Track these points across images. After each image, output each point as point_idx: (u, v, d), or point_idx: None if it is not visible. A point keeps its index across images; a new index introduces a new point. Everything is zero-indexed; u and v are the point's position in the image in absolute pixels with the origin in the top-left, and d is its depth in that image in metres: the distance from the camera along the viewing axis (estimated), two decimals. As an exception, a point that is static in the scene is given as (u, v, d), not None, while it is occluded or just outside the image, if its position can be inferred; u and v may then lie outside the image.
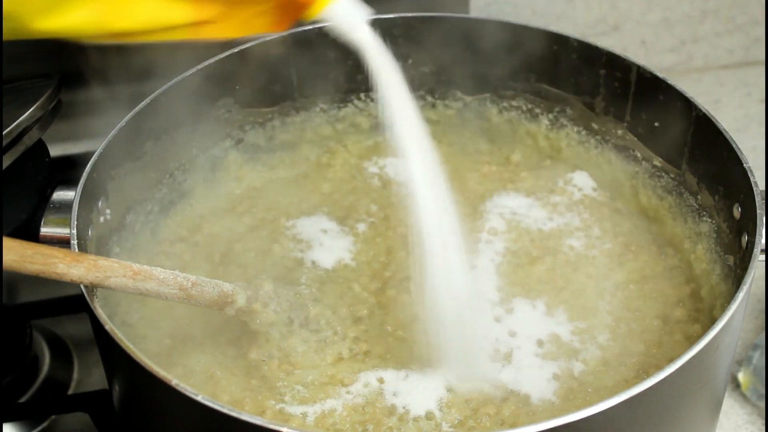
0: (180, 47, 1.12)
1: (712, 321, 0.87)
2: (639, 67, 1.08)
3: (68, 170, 1.03)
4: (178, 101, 1.07)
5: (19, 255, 0.76)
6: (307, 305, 0.98)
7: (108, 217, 1.00)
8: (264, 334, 0.95)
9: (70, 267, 0.79)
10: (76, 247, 0.88)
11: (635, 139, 1.12)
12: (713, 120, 0.99)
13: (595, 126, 1.16)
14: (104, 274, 0.81)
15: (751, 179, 0.92)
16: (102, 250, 0.99)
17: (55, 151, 1.05)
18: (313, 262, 1.07)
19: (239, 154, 1.18)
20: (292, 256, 1.08)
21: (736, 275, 0.96)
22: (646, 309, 1.01)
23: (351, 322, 0.99)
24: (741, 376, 1.17)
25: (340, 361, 0.96)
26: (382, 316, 1.00)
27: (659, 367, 0.92)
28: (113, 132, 1.00)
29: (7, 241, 0.75)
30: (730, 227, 0.99)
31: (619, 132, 1.14)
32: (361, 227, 1.12)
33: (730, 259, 0.98)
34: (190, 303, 0.88)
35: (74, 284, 0.82)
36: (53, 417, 1.17)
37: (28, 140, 0.99)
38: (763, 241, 0.89)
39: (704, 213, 1.05)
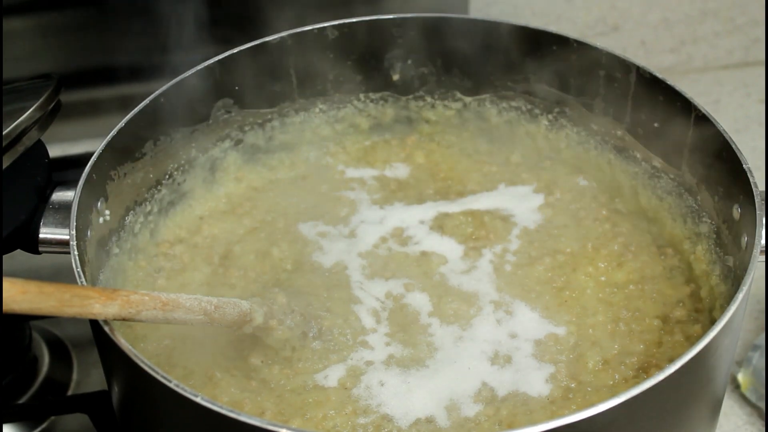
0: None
1: (712, 321, 0.87)
2: (638, 68, 1.08)
3: (68, 171, 1.03)
4: (178, 102, 1.07)
5: (58, 300, 0.75)
6: (320, 316, 0.98)
7: (107, 217, 1.00)
8: (275, 348, 0.95)
9: (106, 306, 0.79)
10: (75, 248, 0.88)
11: (634, 139, 1.12)
12: (713, 120, 0.99)
13: (594, 127, 1.16)
14: (136, 309, 0.81)
15: (751, 180, 0.92)
16: (101, 251, 0.99)
17: (55, 151, 1.05)
18: (313, 265, 1.07)
19: (239, 155, 1.18)
20: (291, 259, 1.08)
21: (736, 276, 0.96)
22: (646, 309, 1.01)
23: (360, 329, 0.99)
24: (741, 377, 1.17)
25: (342, 364, 0.96)
26: (386, 320, 1.00)
27: (659, 367, 0.92)
28: (113, 132, 1.00)
29: (46, 286, 0.74)
30: (729, 228, 0.99)
31: (619, 133, 1.14)
32: (361, 228, 1.12)
33: (730, 260, 0.98)
34: (213, 325, 0.89)
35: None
36: (52, 418, 1.17)
37: (28, 141, 0.99)
38: (763, 241, 0.89)
39: (704, 214, 1.04)
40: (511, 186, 1.17)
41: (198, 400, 0.74)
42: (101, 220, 0.99)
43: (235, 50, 1.12)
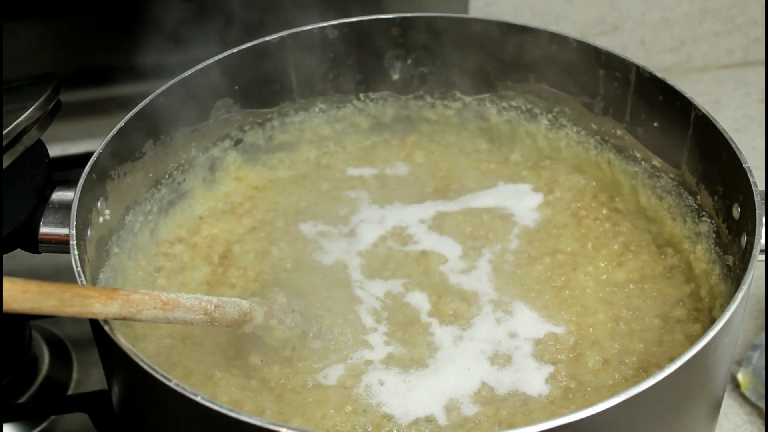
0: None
1: (712, 321, 0.87)
2: (638, 67, 1.08)
3: (67, 170, 1.03)
4: (178, 101, 1.07)
5: (59, 300, 0.75)
6: (320, 315, 0.98)
7: (107, 217, 1.00)
8: (275, 347, 0.95)
9: (106, 306, 0.79)
10: (75, 247, 0.89)
11: (634, 139, 1.12)
12: (713, 120, 0.99)
13: (594, 126, 1.16)
14: (137, 308, 0.81)
15: (751, 179, 0.92)
16: (101, 251, 0.99)
17: (55, 151, 1.05)
18: (313, 264, 1.07)
19: (238, 154, 1.18)
20: (291, 258, 1.08)
21: (736, 275, 0.96)
22: (646, 308, 1.02)
23: (360, 328, 0.99)
24: (740, 376, 1.17)
25: (342, 364, 0.96)
26: (385, 319, 1.00)
27: (659, 366, 0.92)
28: (112, 132, 1.00)
29: (46, 286, 0.74)
30: (729, 227, 0.99)
31: (619, 132, 1.14)
32: (360, 227, 1.12)
33: (730, 259, 0.98)
34: (213, 325, 0.89)
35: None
36: (52, 417, 1.17)
37: (28, 140, 0.99)
38: (763, 241, 0.89)
39: (703, 213, 1.04)
40: (510, 183, 1.17)
41: (198, 399, 0.74)
42: (101, 219, 0.99)
43: (235, 50, 1.12)
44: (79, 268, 0.87)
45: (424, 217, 1.12)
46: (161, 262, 1.08)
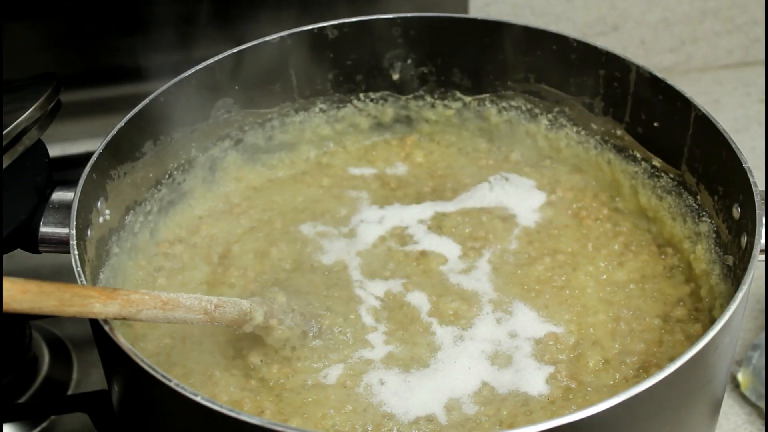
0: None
1: (712, 321, 0.88)
2: (638, 68, 1.08)
3: (67, 170, 1.03)
4: (178, 101, 1.07)
5: (59, 300, 0.75)
6: (320, 315, 0.98)
7: (107, 217, 1.00)
8: (274, 347, 0.95)
9: (106, 305, 0.79)
10: (75, 247, 0.89)
11: (634, 139, 1.12)
12: (713, 120, 0.99)
13: (594, 126, 1.16)
14: (137, 308, 0.81)
15: (751, 179, 0.92)
16: (101, 251, 0.99)
17: (55, 151, 1.06)
18: (312, 264, 1.07)
19: (238, 154, 1.18)
20: (290, 258, 1.08)
21: (736, 275, 0.96)
22: (646, 308, 1.02)
23: (360, 328, 0.99)
24: (740, 376, 1.17)
25: (342, 363, 0.96)
26: (385, 319, 1.00)
27: (660, 366, 0.92)
28: (113, 132, 1.00)
29: (46, 286, 0.74)
30: (729, 227, 0.99)
31: (619, 132, 1.14)
32: (360, 228, 1.12)
33: (730, 259, 0.98)
34: (213, 324, 0.89)
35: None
36: (52, 417, 1.17)
37: (28, 140, 0.99)
38: (763, 241, 0.90)
39: (704, 213, 1.05)
40: (515, 176, 1.17)
41: (198, 399, 0.74)
42: (101, 219, 0.99)
43: (235, 50, 1.12)
44: (79, 268, 0.87)
45: (424, 217, 1.12)
46: (161, 262, 1.08)
